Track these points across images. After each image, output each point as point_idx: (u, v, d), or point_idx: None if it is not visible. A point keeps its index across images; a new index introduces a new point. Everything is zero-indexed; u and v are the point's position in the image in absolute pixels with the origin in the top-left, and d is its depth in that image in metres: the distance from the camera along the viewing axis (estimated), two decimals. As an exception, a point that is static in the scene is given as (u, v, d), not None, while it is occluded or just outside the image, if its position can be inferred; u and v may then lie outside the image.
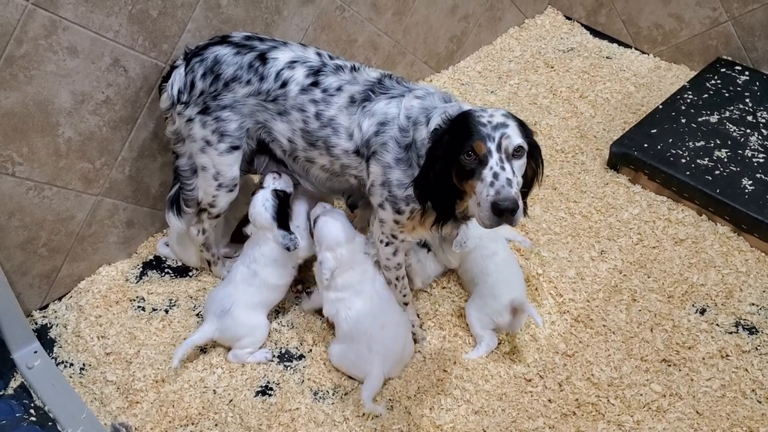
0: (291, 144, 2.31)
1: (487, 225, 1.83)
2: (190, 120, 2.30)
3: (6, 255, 2.40)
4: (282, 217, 2.40)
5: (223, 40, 2.31)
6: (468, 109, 1.97)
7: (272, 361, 2.47)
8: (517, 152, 1.86)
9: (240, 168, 2.39)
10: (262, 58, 2.24)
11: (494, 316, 2.44)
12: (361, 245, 2.39)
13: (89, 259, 2.69)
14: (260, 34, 2.36)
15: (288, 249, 2.38)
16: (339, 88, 2.20)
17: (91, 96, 2.35)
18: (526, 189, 2.02)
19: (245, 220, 2.54)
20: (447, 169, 1.92)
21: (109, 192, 2.60)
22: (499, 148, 1.84)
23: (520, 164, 1.90)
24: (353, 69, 2.25)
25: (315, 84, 2.21)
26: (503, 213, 1.77)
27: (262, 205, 2.38)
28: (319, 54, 2.29)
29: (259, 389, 2.39)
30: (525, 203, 1.99)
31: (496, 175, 1.80)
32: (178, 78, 2.30)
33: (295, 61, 2.24)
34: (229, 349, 2.47)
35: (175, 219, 2.57)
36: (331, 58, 2.29)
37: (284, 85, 2.22)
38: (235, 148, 2.32)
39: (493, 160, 1.82)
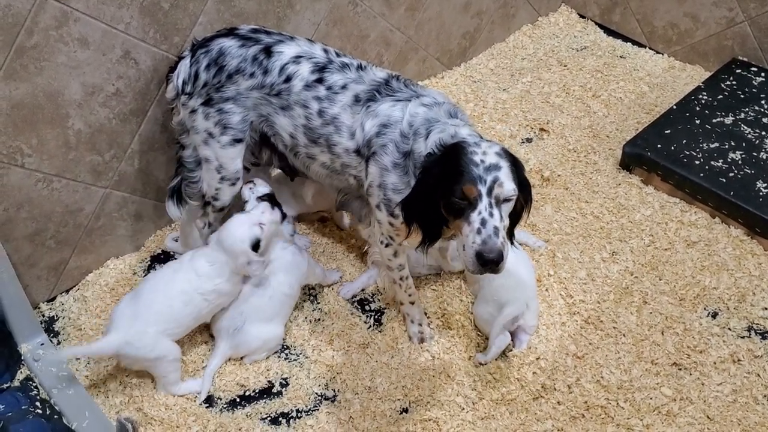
0: (292, 139, 2.29)
1: (470, 270, 1.83)
2: (193, 111, 2.29)
3: (14, 247, 2.39)
4: (281, 212, 2.40)
5: (230, 32, 2.29)
6: (462, 140, 1.93)
7: (285, 350, 2.48)
8: (508, 198, 1.84)
9: (243, 161, 2.38)
10: (267, 51, 2.22)
11: (505, 308, 2.36)
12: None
13: (97, 252, 2.69)
14: (268, 28, 2.34)
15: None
16: (344, 86, 2.18)
17: (101, 88, 2.34)
18: (514, 220, 2.00)
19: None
20: (436, 199, 1.90)
21: (118, 185, 2.60)
22: (489, 192, 1.81)
23: (510, 206, 1.88)
24: (360, 68, 2.23)
25: (320, 81, 2.19)
26: (487, 264, 1.77)
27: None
28: (325, 50, 2.26)
29: (264, 387, 2.39)
30: (512, 233, 2.01)
31: (483, 222, 1.79)
32: (183, 69, 2.29)
33: (300, 56, 2.22)
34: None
35: (174, 208, 2.57)
36: (338, 55, 2.27)
37: (288, 79, 2.20)
38: (238, 141, 2.31)
39: (483, 205, 1.80)
